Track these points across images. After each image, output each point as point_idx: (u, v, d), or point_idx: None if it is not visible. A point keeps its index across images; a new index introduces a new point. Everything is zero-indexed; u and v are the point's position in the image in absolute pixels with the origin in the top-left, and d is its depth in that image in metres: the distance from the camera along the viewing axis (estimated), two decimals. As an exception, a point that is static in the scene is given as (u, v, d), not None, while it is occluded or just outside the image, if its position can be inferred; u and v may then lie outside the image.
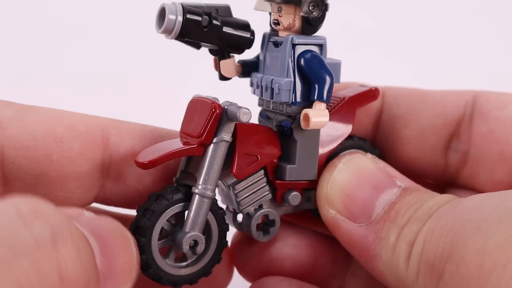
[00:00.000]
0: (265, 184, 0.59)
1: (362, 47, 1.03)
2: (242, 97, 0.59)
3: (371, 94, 0.63)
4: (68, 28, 1.00)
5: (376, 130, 0.66)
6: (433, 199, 0.54)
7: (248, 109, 0.55)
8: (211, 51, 0.60)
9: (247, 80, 0.61)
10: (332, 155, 0.61)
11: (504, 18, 1.14)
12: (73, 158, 0.54)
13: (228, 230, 0.58)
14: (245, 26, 0.59)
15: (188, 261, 0.57)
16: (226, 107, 0.55)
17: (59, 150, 0.54)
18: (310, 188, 0.60)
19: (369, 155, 0.60)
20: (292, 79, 0.57)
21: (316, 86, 0.56)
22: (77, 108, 0.56)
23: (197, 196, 0.55)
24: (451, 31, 1.13)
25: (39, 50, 0.98)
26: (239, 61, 0.61)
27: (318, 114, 0.56)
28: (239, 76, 0.61)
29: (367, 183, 0.57)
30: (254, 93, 0.60)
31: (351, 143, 0.62)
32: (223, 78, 0.60)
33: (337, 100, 0.62)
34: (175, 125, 0.58)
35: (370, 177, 0.58)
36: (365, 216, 0.56)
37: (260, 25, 0.60)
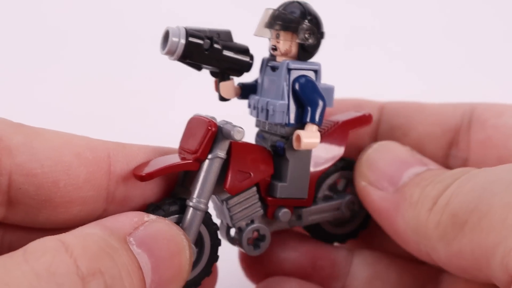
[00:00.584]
0: (257, 200, 0.62)
1: (362, 46, 1.04)
2: (241, 117, 0.62)
3: (364, 119, 0.65)
4: (67, 30, 1.01)
5: (375, 139, 0.69)
6: (457, 169, 0.58)
7: (242, 128, 0.58)
8: (212, 73, 0.63)
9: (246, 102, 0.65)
10: (324, 176, 0.64)
11: (506, 17, 1.14)
12: (80, 184, 0.55)
13: (220, 245, 0.61)
14: (245, 51, 0.62)
15: None
16: (221, 125, 0.58)
17: (66, 177, 0.54)
18: (300, 206, 0.63)
19: (406, 146, 0.65)
20: (287, 102, 0.60)
21: (309, 109, 0.59)
22: (77, 110, 0.58)
23: (191, 208, 0.58)
24: (452, 31, 1.13)
25: (38, 51, 0.99)
26: (239, 84, 0.64)
27: (309, 136, 0.59)
28: (238, 98, 0.64)
29: (397, 160, 0.62)
30: (251, 114, 0.64)
31: (343, 163, 0.65)
32: (222, 99, 0.63)
33: (331, 123, 0.65)
34: (172, 129, 0.61)
35: (400, 156, 0.63)
36: (392, 186, 0.61)
37: (260, 50, 0.63)
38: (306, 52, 0.61)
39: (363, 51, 1.01)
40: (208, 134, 0.58)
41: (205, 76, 0.64)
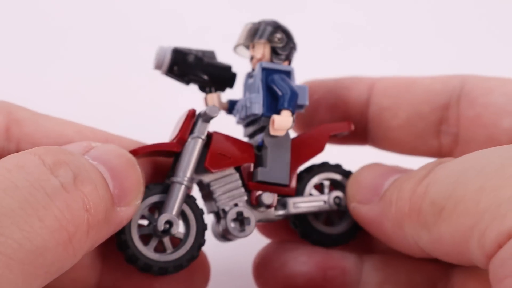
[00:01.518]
0: (240, 185, 0.65)
1: (354, 45, 1.04)
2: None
3: (343, 125, 0.70)
4: (68, 28, 1.04)
5: (365, 121, 0.72)
6: (429, 162, 0.59)
7: (215, 106, 0.64)
8: (200, 88, 0.71)
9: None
10: (308, 173, 0.68)
11: (500, 16, 1.14)
12: None
13: (206, 229, 0.64)
14: (228, 67, 0.69)
15: (167, 252, 0.62)
16: (201, 110, 0.65)
17: None
18: (284, 194, 0.66)
19: (387, 165, 0.67)
20: (262, 94, 0.66)
21: (281, 96, 0.65)
22: (78, 109, 0.65)
23: (173, 183, 0.62)
24: (445, 29, 1.13)
25: (39, 51, 1.02)
26: (228, 100, 0.71)
27: (281, 117, 0.64)
28: (226, 113, 0.71)
29: (378, 173, 0.64)
30: (238, 121, 0.69)
31: (325, 167, 0.69)
32: (211, 112, 0.70)
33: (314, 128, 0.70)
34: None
35: (381, 169, 0.65)
36: (376, 196, 0.63)
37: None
38: (278, 55, 0.68)
39: (355, 51, 1.02)
40: (188, 117, 0.64)
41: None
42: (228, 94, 0.70)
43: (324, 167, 0.69)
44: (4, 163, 0.50)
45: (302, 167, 0.68)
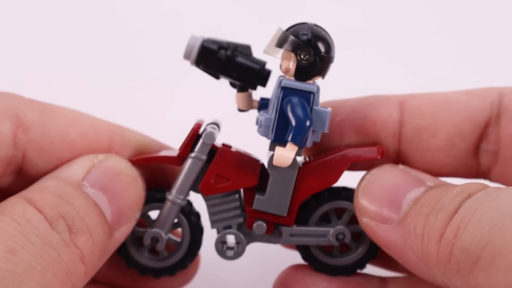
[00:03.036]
0: (237, 207, 0.64)
1: (355, 46, 0.99)
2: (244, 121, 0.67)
3: (372, 152, 0.63)
4: (71, 28, 1.04)
5: (398, 142, 0.66)
6: (456, 188, 0.56)
7: (213, 132, 0.61)
8: (231, 84, 0.67)
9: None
10: (315, 202, 0.64)
11: (499, 15, 1.05)
12: None
13: (200, 242, 0.65)
14: (260, 63, 0.64)
15: (161, 256, 0.65)
16: (205, 129, 0.63)
17: (69, 155, 0.62)
18: (282, 224, 0.63)
19: (400, 166, 0.63)
20: (273, 117, 0.61)
21: (291, 128, 0.60)
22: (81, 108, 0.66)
23: (168, 202, 0.63)
24: (446, 29, 1.05)
25: (43, 47, 1.03)
26: (260, 98, 0.66)
27: (282, 152, 0.59)
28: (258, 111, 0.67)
29: (393, 187, 0.60)
30: (258, 130, 0.65)
31: (337, 194, 0.65)
32: (240, 109, 0.67)
33: (335, 150, 0.64)
34: (172, 128, 0.67)
35: (396, 180, 0.61)
36: (393, 214, 0.59)
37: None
38: (301, 73, 0.61)
39: (356, 52, 0.97)
40: (190, 134, 0.63)
41: (208, 77, 0.66)
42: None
43: (336, 194, 0.64)
44: (11, 214, 0.54)
45: None
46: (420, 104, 0.65)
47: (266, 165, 0.63)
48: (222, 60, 0.63)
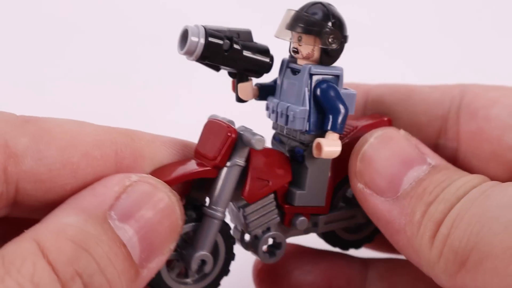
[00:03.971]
0: (274, 208, 0.60)
1: (360, 44, 1.04)
2: (257, 118, 0.63)
3: (383, 124, 0.64)
4: (73, 27, 1.00)
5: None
6: (461, 179, 0.55)
7: (262, 137, 0.56)
8: (229, 74, 0.61)
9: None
10: (341, 183, 0.63)
11: (503, 14, 1.13)
12: (87, 186, 0.53)
13: (233, 259, 0.60)
14: (265, 51, 0.60)
15: (190, 279, 0.58)
16: (241, 132, 0.56)
17: (73, 181, 0.53)
18: (317, 213, 0.62)
19: (401, 131, 0.60)
20: (308, 108, 0.58)
21: (330, 116, 0.57)
22: (82, 107, 0.57)
23: (208, 217, 0.56)
24: (450, 28, 1.12)
25: (44, 48, 0.98)
26: (257, 84, 0.62)
27: (330, 144, 0.57)
28: (256, 99, 0.62)
29: (396, 158, 0.58)
30: (270, 117, 0.61)
31: None
32: (240, 100, 0.61)
33: (350, 128, 0.63)
34: (178, 127, 0.60)
35: (400, 152, 0.58)
36: (392, 191, 0.57)
37: (278, 49, 0.61)
38: (329, 56, 0.58)
39: (361, 49, 0.99)
40: (227, 141, 0.56)
41: (211, 75, 0.62)
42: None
43: None
44: (18, 276, 0.44)
45: None
46: (382, 92, 0.65)
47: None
48: (227, 52, 0.57)
